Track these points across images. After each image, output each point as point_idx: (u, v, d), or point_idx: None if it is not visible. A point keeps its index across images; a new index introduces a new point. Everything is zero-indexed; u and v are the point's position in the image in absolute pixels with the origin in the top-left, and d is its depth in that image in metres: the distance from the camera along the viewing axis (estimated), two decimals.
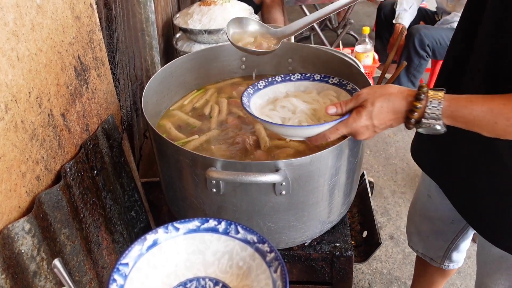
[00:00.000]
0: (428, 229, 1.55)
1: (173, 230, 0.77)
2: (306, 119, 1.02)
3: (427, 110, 0.87)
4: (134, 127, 1.95)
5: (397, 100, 0.89)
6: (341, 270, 1.25)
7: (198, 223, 0.77)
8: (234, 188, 1.04)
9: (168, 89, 1.40)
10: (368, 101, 0.90)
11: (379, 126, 0.91)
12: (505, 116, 0.82)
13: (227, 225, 0.76)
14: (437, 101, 0.86)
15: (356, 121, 0.91)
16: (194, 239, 0.76)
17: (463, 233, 1.47)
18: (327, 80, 1.09)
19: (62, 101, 1.02)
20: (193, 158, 1.03)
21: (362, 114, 0.90)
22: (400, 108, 0.89)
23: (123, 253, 0.71)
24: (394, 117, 0.91)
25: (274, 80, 1.10)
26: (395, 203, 2.58)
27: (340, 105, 0.94)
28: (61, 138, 1.02)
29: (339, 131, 0.94)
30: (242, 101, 1.01)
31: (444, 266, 1.60)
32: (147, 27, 2.15)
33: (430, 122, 0.87)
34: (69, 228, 1.02)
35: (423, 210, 1.52)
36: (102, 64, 1.21)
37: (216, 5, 2.57)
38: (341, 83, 1.07)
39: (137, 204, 1.40)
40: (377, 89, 0.91)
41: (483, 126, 0.85)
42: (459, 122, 0.87)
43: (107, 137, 1.24)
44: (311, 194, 1.08)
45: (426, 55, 3.17)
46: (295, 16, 4.84)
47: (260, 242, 0.72)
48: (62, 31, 1.00)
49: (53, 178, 1.00)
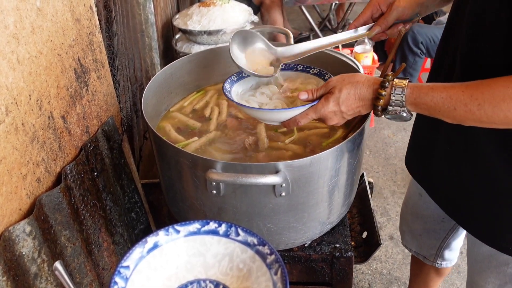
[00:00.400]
0: (420, 228, 1.56)
1: (174, 232, 0.77)
2: (282, 104, 1.08)
3: (392, 97, 0.91)
4: (134, 128, 1.96)
5: (363, 87, 0.94)
6: (341, 271, 1.25)
7: (199, 226, 0.77)
8: (234, 190, 1.04)
9: (168, 90, 1.40)
10: (336, 88, 0.95)
11: (347, 112, 0.97)
12: (462, 102, 0.84)
13: (228, 227, 0.76)
14: (401, 88, 0.90)
15: (325, 107, 0.96)
16: (195, 241, 0.76)
17: (454, 232, 1.48)
18: (308, 70, 1.16)
19: (62, 103, 1.02)
20: (193, 160, 1.04)
21: (330, 100, 0.95)
22: (366, 95, 0.94)
23: (124, 256, 0.71)
24: (361, 104, 0.95)
25: None
26: (394, 203, 2.58)
27: (311, 92, 0.99)
28: (62, 140, 1.03)
29: (309, 116, 0.99)
30: (224, 86, 1.07)
31: (437, 264, 1.61)
32: (147, 28, 2.15)
33: (395, 109, 0.92)
34: (69, 230, 1.03)
35: (415, 209, 1.54)
36: (102, 66, 1.21)
37: (216, 6, 2.57)
38: (321, 73, 1.14)
39: (137, 206, 1.40)
40: (346, 77, 0.96)
41: (444, 112, 0.88)
42: (422, 109, 0.91)
43: (107, 139, 1.24)
44: (311, 195, 1.09)
45: (420, 52, 3.19)
46: (294, 16, 4.85)
47: (260, 244, 0.72)
48: (62, 34, 1.01)
49: (54, 180, 1.01)
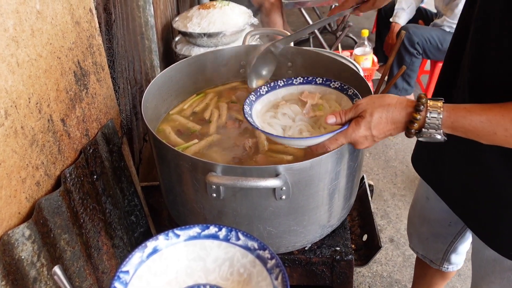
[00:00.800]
0: (427, 231, 1.56)
1: (173, 237, 0.77)
2: (307, 126, 1.01)
3: (427, 121, 0.87)
4: (134, 131, 1.95)
5: (396, 110, 0.90)
6: (342, 274, 1.24)
7: (199, 230, 0.77)
8: (234, 193, 1.04)
9: (167, 93, 1.40)
10: (367, 111, 0.90)
11: (378, 135, 0.92)
12: (503, 127, 0.83)
13: (228, 231, 0.75)
14: (436, 111, 0.87)
15: (355, 131, 0.91)
16: (195, 245, 0.76)
17: (461, 236, 1.48)
18: (328, 84, 1.08)
19: (62, 106, 1.02)
20: (193, 163, 1.03)
21: (361, 124, 0.91)
22: (399, 118, 0.90)
23: (123, 261, 0.71)
24: (394, 127, 0.91)
25: (276, 84, 1.09)
26: (395, 205, 2.58)
27: (339, 115, 0.94)
28: (61, 143, 1.02)
29: (338, 141, 0.94)
30: (244, 110, 1.00)
31: (443, 268, 1.61)
32: (147, 31, 2.15)
33: (430, 132, 0.89)
34: (69, 234, 1.02)
35: (422, 212, 1.54)
36: (102, 69, 1.21)
37: (215, 8, 2.57)
38: (343, 88, 1.06)
39: (137, 209, 1.40)
40: (376, 99, 0.91)
41: (483, 137, 0.86)
42: (458, 131, 0.88)
43: (107, 142, 1.23)
44: (311, 199, 1.08)
45: (416, 53, 3.20)
46: (293, 18, 4.86)
47: (261, 249, 0.72)
48: (61, 37, 1.00)
49: (53, 184, 1.00)
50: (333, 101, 1.05)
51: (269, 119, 1.03)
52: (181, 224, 1.28)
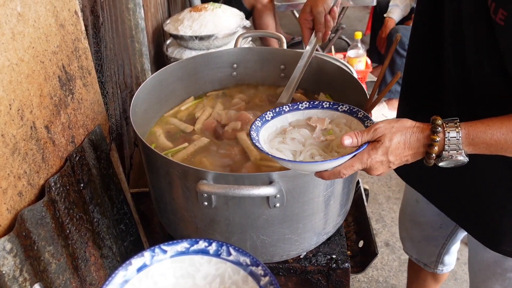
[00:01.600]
0: (419, 235, 1.55)
1: (160, 253, 0.72)
2: (318, 151, 0.95)
3: (446, 142, 0.84)
4: (124, 136, 1.91)
5: (414, 135, 0.86)
6: (338, 282, 1.21)
7: (187, 245, 0.73)
8: (226, 201, 1.00)
9: (158, 97, 1.36)
10: (386, 136, 0.85)
11: (394, 162, 0.87)
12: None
13: (218, 246, 0.71)
14: (455, 130, 0.83)
15: (372, 156, 0.86)
16: (183, 262, 0.72)
17: (452, 237, 1.47)
18: (336, 107, 1.02)
19: (46, 112, 0.98)
20: (183, 170, 1.00)
21: (379, 149, 0.86)
22: (417, 143, 0.86)
23: (106, 281, 0.67)
24: (412, 153, 0.87)
25: (281, 110, 1.03)
26: (389, 209, 2.55)
27: (355, 136, 0.87)
28: (45, 151, 0.98)
29: (354, 167, 0.88)
30: (251, 136, 0.94)
31: (438, 270, 1.60)
32: (137, 34, 2.11)
33: (451, 153, 0.85)
34: (54, 246, 0.98)
35: (412, 216, 1.53)
36: (88, 73, 1.17)
37: (207, 11, 2.54)
38: (352, 111, 1.00)
39: (126, 217, 1.36)
40: (394, 123, 0.87)
41: (507, 148, 0.83)
42: (481, 148, 0.85)
43: (94, 149, 1.19)
44: (306, 206, 1.05)
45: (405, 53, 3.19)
46: (286, 21, 4.83)
47: (254, 265, 0.68)
48: (45, 40, 0.96)
49: (37, 194, 0.96)
50: (343, 124, 1.00)
51: (278, 144, 0.97)
52: (172, 233, 1.24)
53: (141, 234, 1.44)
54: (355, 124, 0.97)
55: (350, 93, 1.26)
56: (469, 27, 0.90)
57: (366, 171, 0.91)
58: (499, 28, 0.81)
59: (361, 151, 0.86)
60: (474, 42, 0.90)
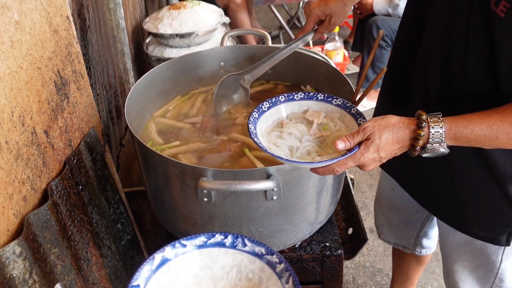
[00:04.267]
0: (397, 219, 1.61)
1: (180, 247, 0.76)
2: (314, 147, 0.99)
3: (431, 136, 0.90)
4: (111, 136, 1.92)
5: (400, 130, 0.92)
6: (332, 269, 1.27)
7: (205, 238, 0.77)
8: (225, 196, 1.04)
9: (149, 97, 1.39)
10: (375, 134, 0.91)
11: (385, 157, 0.93)
12: (504, 131, 0.87)
13: (234, 238, 0.76)
14: (438, 125, 0.90)
15: (364, 155, 0.92)
16: (202, 254, 0.76)
17: (429, 221, 1.55)
18: (330, 100, 1.06)
19: (44, 117, 0.99)
20: (182, 169, 1.03)
21: (370, 147, 0.91)
22: (404, 137, 0.92)
23: (133, 275, 0.70)
24: (399, 147, 0.93)
25: (277, 100, 1.07)
26: (372, 196, 2.63)
27: (348, 140, 0.93)
28: (45, 155, 1.00)
29: (347, 165, 0.93)
30: (249, 129, 0.97)
31: (416, 252, 1.67)
32: (118, 34, 2.11)
33: (434, 146, 0.91)
34: (59, 248, 1.00)
35: (389, 202, 1.59)
36: (82, 77, 1.18)
37: (186, 8, 2.55)
38: (345, 105, 1.05)
39: (122, 216, 1.38)
40: (381, 120, 0.92)
41: (485, 143, 0.90)
42: (461, 141, 0.92)
43: (90, 151, 1.21)
44: (301, 197, 1.10)
45: (385, 45, 3.26)
46: (262, 15, 4.86)
47: (269, 254, 0.73)
48: (41, 46, 0.98)
49: (40, 198, 0.98)
50: (337, 119, 1.04)
51: (275, 139, 1.00)
52: (171, 230, 1.27)
53: (137, 232, 1.47)
54: (348, 120, 1.02)
55: (337, 88, 1.31)
56: (460, 21, 0.94)
57: (359, 167, 0.97)
58: (498, 20, 0.85)
59: (355, 150, 0.92)
60: (463, 35, 0.94)
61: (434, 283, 2.18)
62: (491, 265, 1.21)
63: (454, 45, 0.98)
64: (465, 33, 0.94)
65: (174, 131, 1.35)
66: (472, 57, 0.95)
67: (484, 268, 1.22)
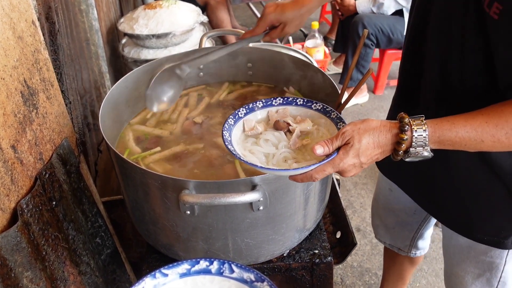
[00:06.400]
0: (393, 221, 1.58)
1: (161, 276, 0.70)
2: (291, 153, 0.94)
3: (414, 140, 0.86)
4: (87, 143, 1.84)
5: (382, 134, 0.87)
6: (322, 276, 1.23)
7: (188, 266, 0.71)
8: (209, 209, 0.99)
9: (125, 103, 1.32)
10: (354, 138, 0.86)
11: (365, 162, 0.89)
12: (489, 133, 0.83)
13: (220, 264, 0.70)
14: (421, 129, 0.86)
15: (343, 160, 0.87)
16: (186, 283, 0.70)
17: (426, 222, 1.52)
18: (310, 105, 1.01)
19: (11, 131, 0.92)
20: (162, 181, 0.97)
21: (349, 152, 0.86)
22: (386, 141, 0.88)
23: None
24: (380, 151, 0.89)
25: (255, 106, 1.01)
26: (358, 195, 2.61)
27: (326, 144, 0.88)
28: (13, 172, 0.93)
29: (326, 172, 0.88)
30: (223, 136, 0.92)
31: (411, 254, 1.64)
32: (92, 36, 2.03)
33: (418, 150, 0.87)
34: (31, 270, 0.93)
35: (386, 204, 1.56)
36: (51, 85, 1.11)
37: (162, 8, 2.48)
38: (325, 110, 1.00)
39: (101, 230, 1.31)
40: (360, 124, 0.88)
41: (470, 145, 0.86)
42: (446, 145, 0.88)
43: (63, 163, 1.14)
44: (288, 206, 1.05)
45: (371, 44, 3.23)
46: (240, 13, 4.81)
47: (259, 281, 0.68)
48: (4, 55, 0.90)
49: (9, 218, 0.91)
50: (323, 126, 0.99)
51: (251, 146, 0.95)
52: (152, 243, 1.21)
53: (117, 245, 1.40)
54: (328, 125, 0.97)
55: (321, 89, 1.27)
56: (456, 22, 0.91)
57: (339, 174, 0.91)
58: (492, 22, 0.82)
59: (334, 156, 0.87)
60: (460, 37, 0.91)
61: (422, 281, 2.16)
62: (494, 269, 1.18)
63: (451, 46, 0.94)
64: (461, 34, 0.90)
65: (153, 139, 1.28)
66: (469, 58, 0.92)
67: (488, 271, 1.20)
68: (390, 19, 3.20)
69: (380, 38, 3.18)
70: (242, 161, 0.87)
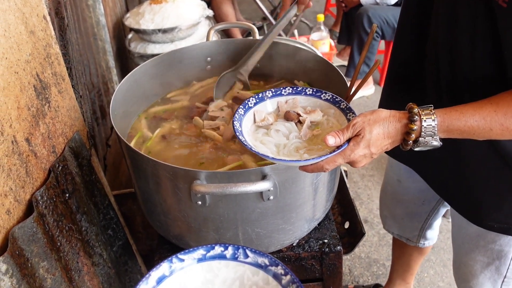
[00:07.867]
0: (401, 212, 1.59)
1: (177, 262, 0.72)
2: (302, 143, 0.94)
3: (423, 130, 0.87)
4: (96, 137, 1.86)
5: (392, 124, 0.88)
6: (331, 265, 1.24)
7: (204, 251, 0.73)
8: (220, 198, 1.00)
9: (135, 97, 1.33)
10: (365, 129, 0.87)
11: (376, 152, 0.90)
12: (498, 122, 0.84)
13: (235, 249, 0.72)
14: (431, 118, 0.87)
15: (354, 151, 0.88)
16: (201, 268, 0.71)
17: (435, 212, 1.52)
18: (319, 95, 1.02)
19: (25, 124, 0.94)
20: (174, 172, 0.98)
21: (360, 143, 0.87)
22: (395, 132, 0.89)
23: None
24: (390, 141, 0.90)
25: (264, 95, 1.02)
26: (365, 186, 2.62)
27: (338, 135, 0.88)
28: (28, 164, 0.94)
29: (337, 163, 0.89)
30: (234, 127, 0.92)
31: (420, 244, 1.65)
32: (99, 31, 2.05)
33: (427, 140, 0.89)
34: (47, 261, 0.95)
35: (395, 194, 1.56)
36: (62, 79, 1.13)
37: (168, 2, 2.48)
38: (334, 100, 1.00)
39: (113, 222, 1.33)
40: (370, 115, 0.89)
41: (479, 134, 0.87)
42: (454, 133, 0.89)
43: (75, 156, 1.16)
44: (298, 195, 1.06)
45: (376, 36, 3.22)
46: (245, 6, 4.79)
47: (273, 265, 0.69)
48: (17, 49, 0.92)
49: (24, 209, 0.93)
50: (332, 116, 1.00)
51: (262, 136, 0.96)
52: (164, 234, 1.23)
53: (128, 237, 1.42)
54: (338, 115, 0.98)
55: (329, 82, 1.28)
56: (464, 9, 0.91)
57: (350, 164, 0.92)
58: (501, 10, 0.82)
59: (345, 146, 0.88)
60: (469, 24, 0.91)
61: (430, 271, 2.17)
62: (503, 257, 1.19)
63: (460, 35, 0.94)
64: (470, 23, 0.91)
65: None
66: (478, 46, 0.92)
67: (497, 260, 1.21)
68: (395, 10, 3.18)
69: (386, 29, 3.17)
70: (253, 151, 0.88)
